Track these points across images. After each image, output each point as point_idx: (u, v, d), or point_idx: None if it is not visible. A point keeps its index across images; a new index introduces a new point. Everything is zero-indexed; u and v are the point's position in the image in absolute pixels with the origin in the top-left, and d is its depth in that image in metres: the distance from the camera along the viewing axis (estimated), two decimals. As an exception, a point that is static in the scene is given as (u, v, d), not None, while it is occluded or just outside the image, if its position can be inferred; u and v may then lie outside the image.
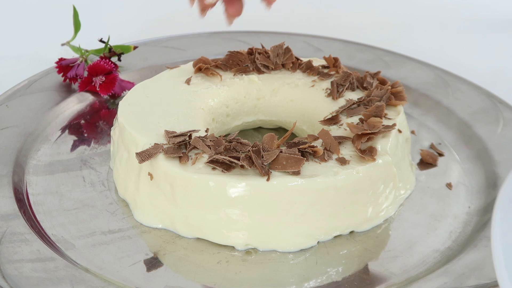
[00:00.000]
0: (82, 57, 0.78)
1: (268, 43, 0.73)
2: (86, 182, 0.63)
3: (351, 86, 0.67)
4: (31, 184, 0.63)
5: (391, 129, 0.60)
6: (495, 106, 0.75)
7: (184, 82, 0.67)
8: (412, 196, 0.63)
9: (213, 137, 0.58)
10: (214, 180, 0.55)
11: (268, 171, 0.54)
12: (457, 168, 0.68)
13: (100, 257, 0.55)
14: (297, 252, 0.57)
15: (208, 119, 0.65)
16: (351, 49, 0.85)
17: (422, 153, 0.68)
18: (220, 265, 0.55)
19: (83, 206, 0.60)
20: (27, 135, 0.67)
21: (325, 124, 0.63)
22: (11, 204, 0.59)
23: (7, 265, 0.52)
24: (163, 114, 0.62)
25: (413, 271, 0.55)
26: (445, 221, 0.61)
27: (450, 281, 0.53)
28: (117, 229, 0.58)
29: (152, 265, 0.55)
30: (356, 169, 0.56)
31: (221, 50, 0.77)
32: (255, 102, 0.69)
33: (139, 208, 0.59)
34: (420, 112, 0.76)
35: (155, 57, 0.82)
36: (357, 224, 0.59)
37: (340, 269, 0.55)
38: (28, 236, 0.55)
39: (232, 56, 0.70)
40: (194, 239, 0.57)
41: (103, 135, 0.70)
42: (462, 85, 0.79)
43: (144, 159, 0.57)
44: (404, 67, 0.82)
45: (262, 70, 0.69)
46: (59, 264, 0.53)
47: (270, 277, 0.54)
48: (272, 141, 0.56)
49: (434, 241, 0.59)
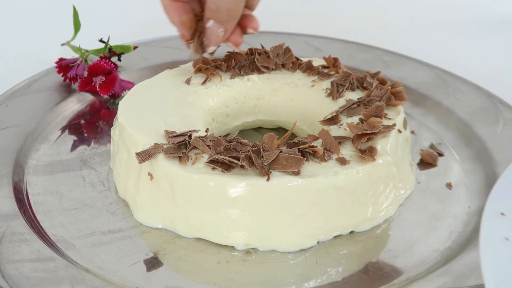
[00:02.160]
0: (82, 57, 0.78)
1: (268, 43, 0.73)
2: (86, 182, 0.63)
3: (351, 86, 0.67)
4: (31, 184, 0.63)
5: (391, 129, 0.60)
6: (495, 106, 0.75)
7: (184, 82, 0.67)
8: (412, 196, 0.63)
9: (213, 137, 0.58)
10: (214, 180, 0.55)
11: (268, 171, 0.54)
12: (457, 168, 0.68)
13: (100, 257, 0.55)
14: (297, 252, 0.57)
15: (208, 119, 0.65)
16: (351, 49, 0.85)
17: (422, 153, 0.68)
18: (220, 265, 0.55)
19: (83, 206, 0.60)
20: (27, 135, 0.67)
21: (325, 124, 0.63)
22: (11, 204, 0.59)
23: (7, 265, 0.52)
24: (163, 114, 0.62)
25: (413, 271, 0.55)
26: (445, 221, 0.61)
27: (450, 281, 0.53)
28: (117, 229, 0.58)
29: (152, 265, 0.55)
30: (356, 169, 0.56)
31: (221, 50, 0.77)
32: (255, 102, 0.69)
33: (139, 208, 0.59)
34: (420, 112, 0.76)
35: (155, 57, 0.82)
36: (357, 224, 0.59)
37: (340, 269, 0.55)
38: (28, 236, 0.55)
39: (232, 56, 0.70)
40: (194, 239, 0.57)
41: (103, 135, 0.70)
42: (462, 85, 0.79)
43: (144, 159, 0.57)
44: (404, 67, 0.82)
45: (262, 70, 0.69)
46: (59, 264, 0.53)
47: (270, 277, 0.54)
48: (272, 141, 0.56)
49: (434, 241, 0.59)
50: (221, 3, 0.61)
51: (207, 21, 0.63)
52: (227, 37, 0.65)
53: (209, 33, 0.63)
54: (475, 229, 0.59)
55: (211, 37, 0.64)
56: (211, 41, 0.64)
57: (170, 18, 0.65)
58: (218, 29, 0.62)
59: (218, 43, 0.65)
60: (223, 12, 0.61)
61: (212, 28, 0.63)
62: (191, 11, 0.65)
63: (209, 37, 0.64)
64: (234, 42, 0.66)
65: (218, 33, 0.63)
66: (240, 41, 0.66)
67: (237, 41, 0.66)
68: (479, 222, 0.60)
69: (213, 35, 0.63)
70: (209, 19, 0.62)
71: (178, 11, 0.64)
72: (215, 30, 0.63)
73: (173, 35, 0.87)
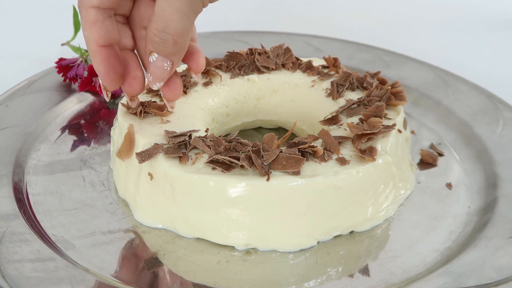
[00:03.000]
0: (82, 57, 0.78)
1: (268, 43, 0.73)
2: (86, 182, 0.63)
3: (351, 86, 0.67)
4: (31, 184, 0.63)
5: (391, 129, 0.60)
6: (495, 106, 0.75)
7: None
8: (412, 196, 0.63)
9: (213, 137, 0.58)
10: (214, 180, 0.55)
11: (268, 171, 0.54)
12: (457, 168, 0.68)
13: (100, 257, 0.55)
14: (297, 252, 0.57)
15: (208, 119, 0.65)
16: (351, 49, 0.85)
17: (422, 153, 0.68)
18: (220, 265, 0.55)
19: (83, 206, 0.60)
20: (27, 135, 0.67)
21: (325, 124, 0.63)
22: (11, 204, 0.59)
23: (7, 265, 0.52)
24: (163, 114, 0.62)
25: (413, 271, 0.55)
26: (445, 221, 0.61)
27: (450, 281, 0.53)
28: (117, 229, 0.58)
29: (152, 265, 0.55)
30: (356, 169, 0.56)
31: (221, 50, 0.77)
32: (255, 102, 0.69)
33: (139, 208, 0.59)
34: (420, 112, 0.76)
35: (155, 57, 0.82)
36: (357, 224, 0.59)
37: (340, 269, 0.55)
38: (28, 236, 0.55)
39: (232, 56, 0.70)
40: (194, 239, 0.57)
41: (103, 135, 0.70)
42: (462, 85, 0.79)
43: (144, 159, 0.57)
44: (404, 67, 0.82)
45: (262, 70, 0.69)
46: (59, 264, 0.53)
47: (270, 277, 0.54)
48: (272, 141, 0.56)
49: (434, 241, 0.59)
50: (165, 35, 0.51)
51: (150, 55, 0.53)
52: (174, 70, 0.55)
53: (153, 69, 0.54)
54: (475, 229, 0.59)
55: (156, 72, 0.54)
56: (157, 77, 0.54)
57: (95, 65, 0.54)
58: (164, 63, 0.53)
59: (165, 79, 0.55)
60: (169, 45, 0.52)
61: (156, 63, 0.53)
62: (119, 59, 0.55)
63: (153, 72, 0.54)
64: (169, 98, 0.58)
65: (165, 67, 0.54)
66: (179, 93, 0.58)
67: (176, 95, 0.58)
68: (479, 222, 0.60)
69: (159, 70, 0.54)
70: (152, 53, 0.53)
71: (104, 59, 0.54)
72: (161, 65, 0.53)
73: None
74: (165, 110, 0.62)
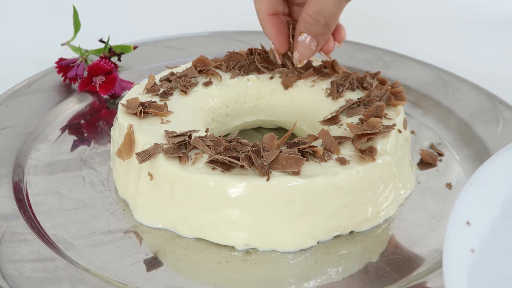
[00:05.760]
0: (82, 57, 0.78)
1: (268, 43, 0.73)
2: (86, 182, 0.63)
3: (351, 86, 0.67)
4: (31, 184, 0.63)
5: (391, 129, 0.60)
6: (495, 106, 0.75)
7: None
8: (412, 196, 0.63)
9: (213, 137, 0.58)
10: (214, 180, 0.55)
11: (268, 171, 0.54)
12: (457, 168, 0.68)
13: (100, 257, 0.55)
14: (297, 252, 0.57)
15: (208, 119, 0.65)
16: (351, 49, 0.85)
17: (422, 153, 0.68)
18: (220, 265, 0.55)
19: (83, 206, 0.60)
20: (27, 135, 0.67)
21: (325, 124, 0.63)
22: (11, 204, 0.59)
23: (7, 265, 0.52)
24: (163, 114, 0.62)
25: (413, 271, 0.55)
26: (445, 221, 0.61)
27: (450, 281, 0.53)
28: (117, 229, 0.58)
29: (152, 265, 0.55)
30: (356, 169, 0.56)
31: (221, 50, 0.77)
32: (255, 102, 0.69)
33: (139, 208, 0.59)
34: (420, 112, 0.76)
35: (155, 57, 0.82)
36: (357, 224, 0.58)
37: (340, 269, 0.55)
38: (28, 236, 0.55)
39: (232, 56, 0.70)
40: (194, 239, 0.57)
41: (103, 135, 0.70)
42: (462, 85, 0.79)
43: (144, 159, 0.56)
44: (404, 67, 0.82)
45: (262, 70, 0.69)
46: (59, 264, 0.53)
47: (270, 277, 0.54)
48: (272, 141, 0.56)
49: (434, 241, 0.59)
50: (319, 17, 0.59)
51: (300, 35, 0.61)
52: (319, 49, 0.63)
53: (301, 47, 0.62)
54: (475, 229, 0.59)
55: (303, 51, 0.62)
56: (303, 55, 0.62)
57: (266, 32, 0.63)
58: (311, 42, 0.60)
59: (309, 57, 0.63)
60: (321, 26, 0.59)
61: (305, 42, 0.61)
62: (286, 25, 0.64)
63: (300, 50, 0.62)
64: (327, 51, 0.65)
65: (312, 47, 0.61)
66: (333, 49, 0.65)
67: (330, 50, 0.65)
68: (479, 222, 0.60)
69: (306, 49, 0.61)
70: (302, 33, 0.60)
71: (274, 25, 0.63)
72: (309, 44, 0.61)
73: (173, 35, 0.87)
74: (166, 110, 0.62)
